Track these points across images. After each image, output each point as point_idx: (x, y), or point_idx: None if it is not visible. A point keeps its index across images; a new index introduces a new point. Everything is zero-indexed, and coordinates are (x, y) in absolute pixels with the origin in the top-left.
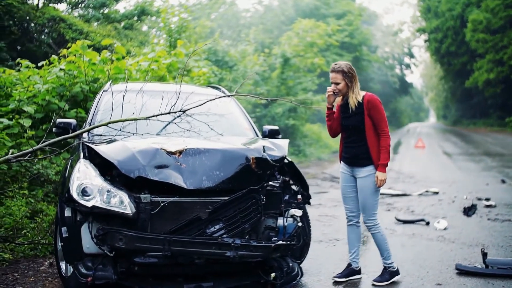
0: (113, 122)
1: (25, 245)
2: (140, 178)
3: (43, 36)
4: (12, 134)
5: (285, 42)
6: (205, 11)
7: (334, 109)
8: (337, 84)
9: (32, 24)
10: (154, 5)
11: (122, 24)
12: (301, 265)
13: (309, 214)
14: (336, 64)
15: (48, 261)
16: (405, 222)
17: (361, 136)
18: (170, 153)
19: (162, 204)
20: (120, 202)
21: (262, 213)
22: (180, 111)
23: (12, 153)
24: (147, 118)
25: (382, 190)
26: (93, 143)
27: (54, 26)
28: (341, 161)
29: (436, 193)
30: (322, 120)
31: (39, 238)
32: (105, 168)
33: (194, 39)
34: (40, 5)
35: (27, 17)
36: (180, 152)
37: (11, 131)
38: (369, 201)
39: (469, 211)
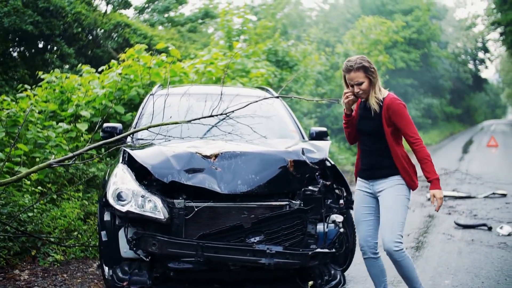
0: (153, 126)
1: (76, 247)
2: (174, 183)
3: (109, 42)
4: (70, 138)
5: (348, 40)
6: (270, 12)
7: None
8: (360, 84)
9: (99, 30)
10: (218, 7)
11: (187, 27)
12: (345, 272)
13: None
14: (350, 61)
15: (97, 263)
16: (465, 227)
17: (384, 143)
18: (205, 157)
19: (196, 210)
20: (154, 207)
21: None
22: (221, 114)
23: (55, 157)
24: (188, 122)
25: (445, 192)
26: (132, 147)
27: (119, 32)
28: (357, 177)
29: (504, 195)
30: None
31: (89, 240)
32: (145, 172)
33: (254, 39)
34: (109, 11)
35: (95, 24)
36: (216, 156)
37: (70, 135)
38: (396, 219)
39: None
